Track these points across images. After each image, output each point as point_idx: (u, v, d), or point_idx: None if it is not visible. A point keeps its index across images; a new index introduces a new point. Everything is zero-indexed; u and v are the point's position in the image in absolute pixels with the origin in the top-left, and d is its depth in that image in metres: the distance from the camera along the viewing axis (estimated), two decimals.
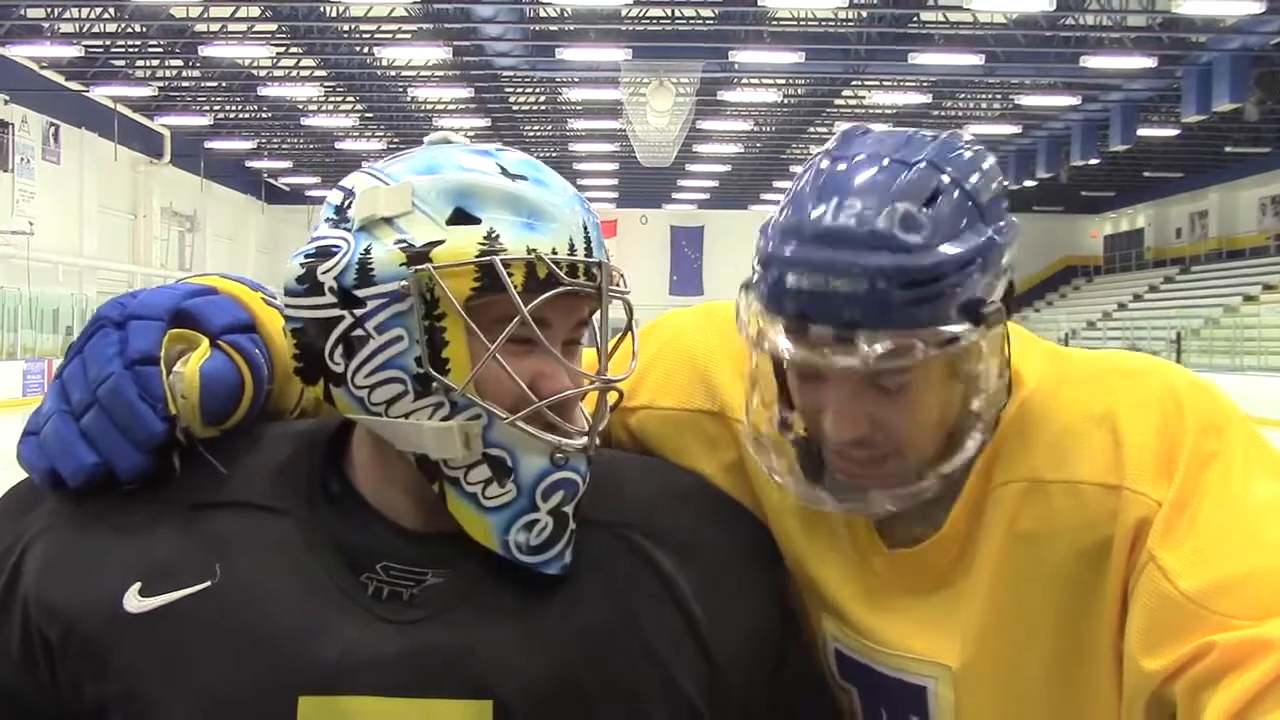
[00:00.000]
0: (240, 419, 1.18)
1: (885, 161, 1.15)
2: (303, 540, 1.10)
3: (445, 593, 1.09)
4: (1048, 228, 49.36)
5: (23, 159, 29.73)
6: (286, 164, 43.21)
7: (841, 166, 1.16)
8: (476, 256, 1.04)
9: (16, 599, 1.11)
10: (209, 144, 38.22)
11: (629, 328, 1.19)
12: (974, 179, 1.15)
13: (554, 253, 1.06)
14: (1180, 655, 1.05)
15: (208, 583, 1.08)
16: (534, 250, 1.05)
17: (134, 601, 1.08)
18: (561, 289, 1.05)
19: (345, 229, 1.08)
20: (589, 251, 1.08)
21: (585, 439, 1.10)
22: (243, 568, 1.09)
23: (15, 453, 1.17)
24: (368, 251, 1.06)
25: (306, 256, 1.08)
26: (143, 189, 36.83)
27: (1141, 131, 31.54)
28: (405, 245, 1.05)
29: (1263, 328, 29.83)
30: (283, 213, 46.46)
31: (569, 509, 1.10)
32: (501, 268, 1.03)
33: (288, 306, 1.10)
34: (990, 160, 1.19)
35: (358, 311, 1.06)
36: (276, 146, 40.73)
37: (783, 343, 1.13)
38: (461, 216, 1.06)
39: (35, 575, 1.11)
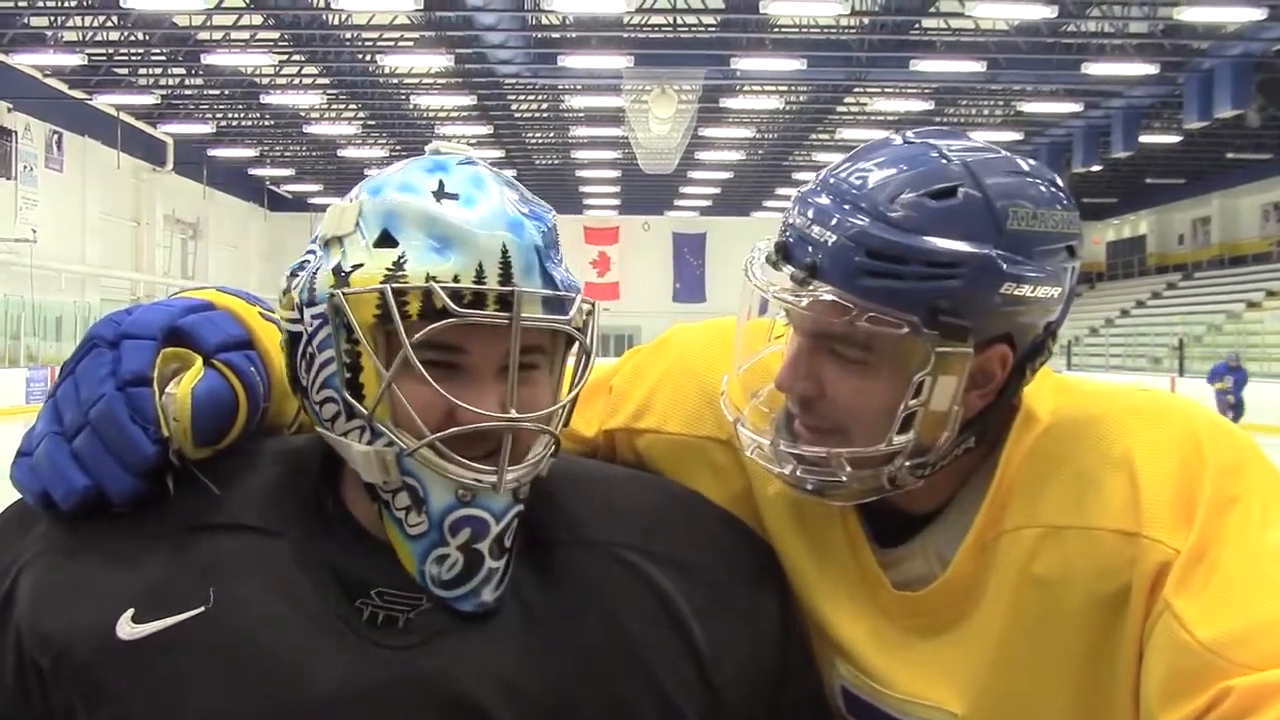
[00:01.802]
0: (235, 438, 1.16)
1: (931, 151, 1.15)
2: (297, 564, 1.09)
3: (440, 618, 1.08)
4: None
5: (26, 167, 29.75)
6: (289, 172, 43.23)
7: (897, 141, 1.18)
8: (380, 283, 1.02)
9: (10, 626, 1.10)
10: (211, 152, 38.23)
11: (582, 358, 1.12)
12: (1007, 202, 1.11)
13: (456, 280, 1.02)
14: (1197, 705, 1.02)
15: (201, 608, 1.06)
16: (433, 277, 1.02)
17: (127, 628, 1.06)
18: (451, 320, 1.01)
19: (317, 245, 1.10)
20: (505, 279, 1.03)
21: (494, 477, 1.05)
22: (237, 592, 1.07)
23: (9, 473, 1.15)
24: (318, 270, 1.07)
25: (289, 270, 1.10)
26: (145, 197, 36.85)
27: (1143, 138, 31.53)
28: (338, 267, 1.05)
29: (1266, 334, 29.78)
30: (285, 220, 46.45)
31: (481, 547, 1.07)
32: (391, 296, 1.01)
33: (281, 319, 1.12)
34: (1050, 201, 1.14)
35: (308, 330, 1.07)
36: (279, 154, 40.73)
37: (755, 269, 1.17)
38: (385, 239, 1.05)
39: (28, 601, 1.09)
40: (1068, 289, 1.16)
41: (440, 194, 1.06)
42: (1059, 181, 1.17)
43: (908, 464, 1.15)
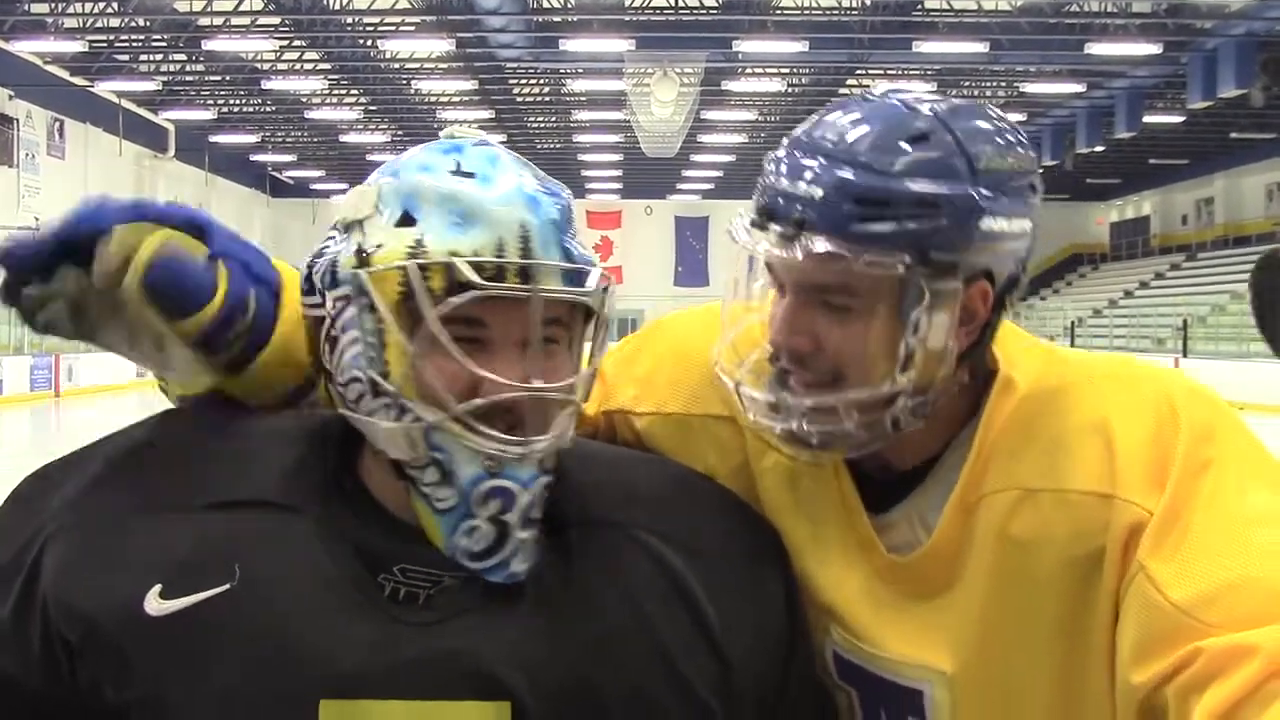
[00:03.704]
0: (204, 326, 1.16)
1: (898, 104, 1.20)
2: (320, 540, 1.10)
3: (461, 595, 1.09)
4: (1053, 215, 49.24)
5: (27, 154, 29.76)
6: (291, 157, 43.24)
7: (865, 99, 1.22)
8: (403, 260, 1.05)
9: (36, 598, 1.11)
10: (213, 138, 38.23)
11: (597, 324, 1.14)
12: (978, 145, 1.16)
13: (476, 255, 1.05)
14: (1168, 664, 1.05)
15: (227, 585, 1.08)
16: (455, 253, 1.04)
17: (154, 604, 1.08)
18: (474, 294, 1.04)
19: (336, 230, 1.12)
20: (525, 253, 1.06)
21: (521, 448, 1.08)
22: (262, 569, 1.09)
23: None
24: (339, 253, 1.09)
25: (312, 256, 1.12)
26: (147, 183, 36.83)
27: (1147, 118, 31.46)
28: (359, 248, 1.07)
29: None
30: (287, 206, 46.47)
31: (510, 518, 1.08)
32: (416, 273, 1.04)
33: (302, 306, 1.14)
34: (1014, 142, 1.19)
35: (331, 312, 1.09)
36: (280, 140, 40.73)
37: (741, 232, 1.20)
38: (406, 219, 1.07)
39: (54, 575, 1.11)
40: (1035, 226, 1.22)
41: (458, 173, 1.08)
42: (1014, 125, 1.22)
43: (910, 403, 1.18)
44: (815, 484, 1.30)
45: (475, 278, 1.04)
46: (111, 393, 26.21)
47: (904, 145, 1.15)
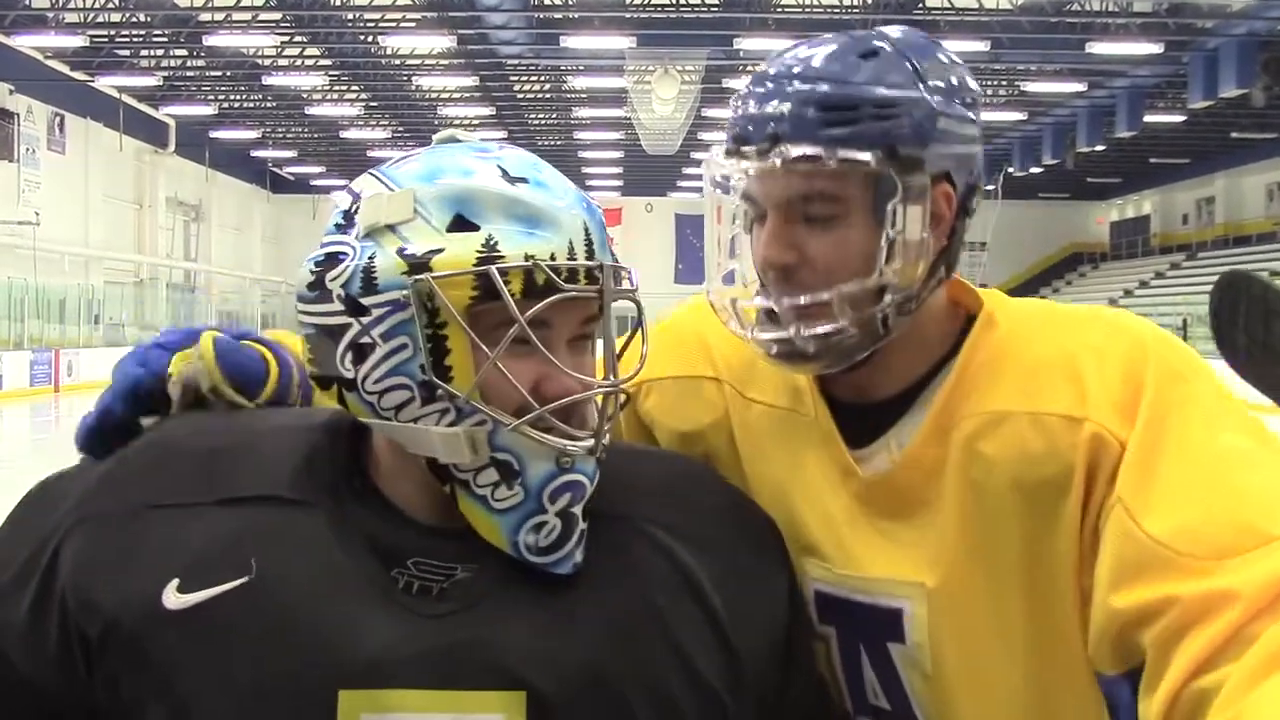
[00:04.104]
0: (269, 396, 1.27)
1: (845, 34, 1.30)
2: (334, 535, 1.11)
3: (474, 587, 1.10)
4: (1054, 214, 49.29)
5: (28, 149, 29.77)
6: (291, 153, 43.24)
7: (811, 38, 1.32)
8: (474, 265, 1.05)
9: (54, 595, 1.12)
10: (213, 134, 38.23)
11: (639, 324, 1.20)
12: (924, 59, 1.26)
13: (552, 258, 1.06)
14: (1145, 599, 1.09)
15: (245, 578, 1.08)
16: (532, 257, 1.05)
17: (173, 598, 1.08)
18: (559, 296, 1.06)
19: (352, 235, 1.10)
20: (590, 254, 1.09)
21: (592, 441, 1.11)
22: (278, 563, 1.09)
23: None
24: (371, 259, 1.07)
25: (316, 263, 1.10)
26: (148, 179, 36.87)
27: (1148, 118, 31.47)
28: (406, 254, 1.06)
29: None
30: (288, 202, 46.50)
31: (577, 510, 1.11)
32: (498, 277, 1.04)
33: (301, 313, 1.12)
34: (953, 61, 1.29)
35: (364, 319, 1.07)
36: (281, 136, 40.72)
37: (718, 162, 1.30)
38: (461, 223, 1.07)
39: (72, 571, 1.11)
40: (981, 134, 1.32)
41: (507, 177, 1.09)
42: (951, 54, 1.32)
43: (897, 298, 1.25)
44: (795, 426, 1.36)
45: (559, 281, 1.06)
46: None
47: (859, 60, 1.25)
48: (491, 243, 1.05)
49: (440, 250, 1.05)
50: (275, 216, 45.97)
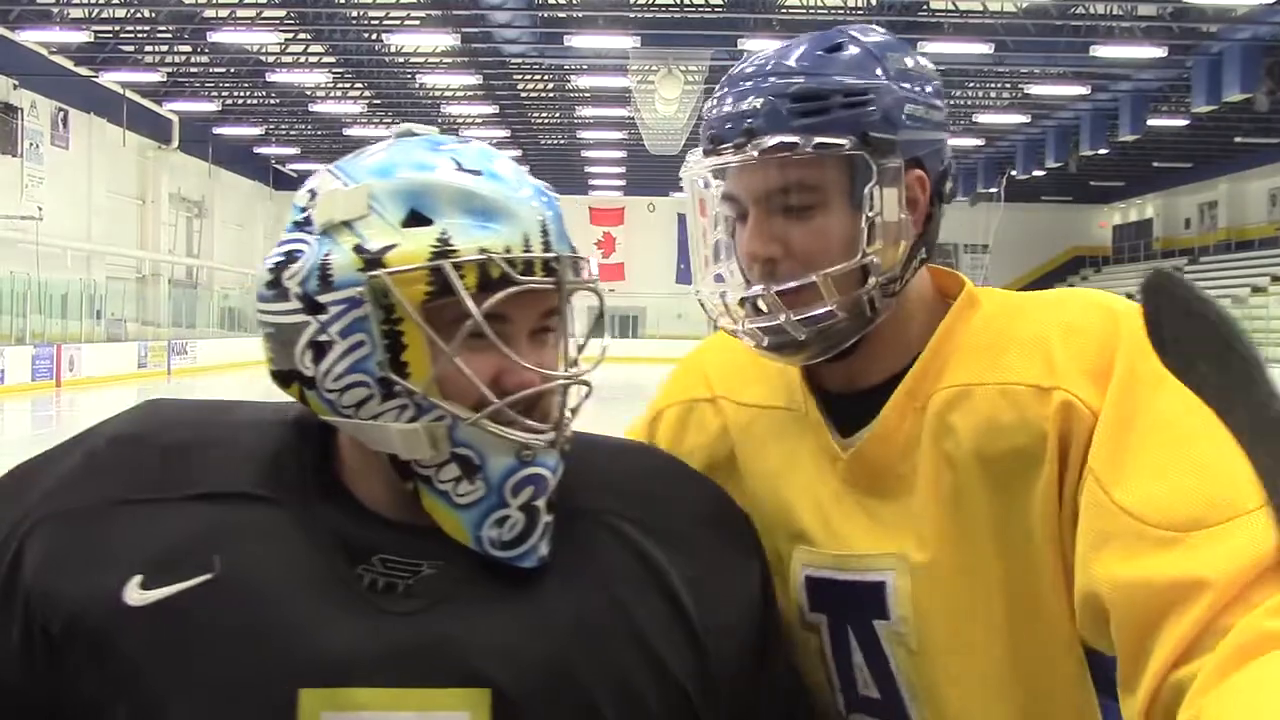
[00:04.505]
0: None
1: (810, 33, 1.35)
2: (299, 531, 1.10)
3: (440, 584, 1.10)
4: (1056, 218, 49.27)
5: (32, 144, 29.78)
6: (294, 150, 43.24)
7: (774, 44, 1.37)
8: (428, 260, 1.04)
9: (18, 590, 1.11)
10: (217, 130, 38.26)
11: (600, 314, 1.18)
12: (887, 52, 1.31)
13: (507, 251, 1.05)
14: (1116, 574, 1.10)
15: (207, 575, 1.08)
16: (486, 250, 1.05)
17: (135, 594, 1.07)
18: (514, 289, 1.05)
19: (308, 232, 1.09)
20: (546, 246, 1.08)
21: (552, 434, 1.10)
22: (241, 560, 1.09)
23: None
24: (328, 256, 1.06)
25: (274, 262, 1.09)
26: (151, 175, 36.88)
27: (1151, 121, 31.46)
28: (361, 250, 1.06)
29: (1270, 319, 29.75)
30: (290, 199, 46.01)
31: (540, 503, 1.10)
32: (452, 271, 1.03)
33: (259, 312, 1.11)
34: (911, 55, 1.34)
35: (321, 317, 1.06)
36: (284, 133, 40.76)
37: (696, 165, 1.32)
38: (415, 219, 1.06)
39: (35, 567, 1.10)
40: (948, 121, 1.37)
41: (462, 170, 1.09)
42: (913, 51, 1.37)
43: (881, 279, 1.28)
44: (789, 423, 1.39)
45: (513, 274, 1.05)
46: (113, 383, 26.25)
47: (826, 54, 1.30)
48: (445, 237, 1.05)
49: (394, 246, 1.05)
50: (278, 213, 45.80)
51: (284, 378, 1.11)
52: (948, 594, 1.27)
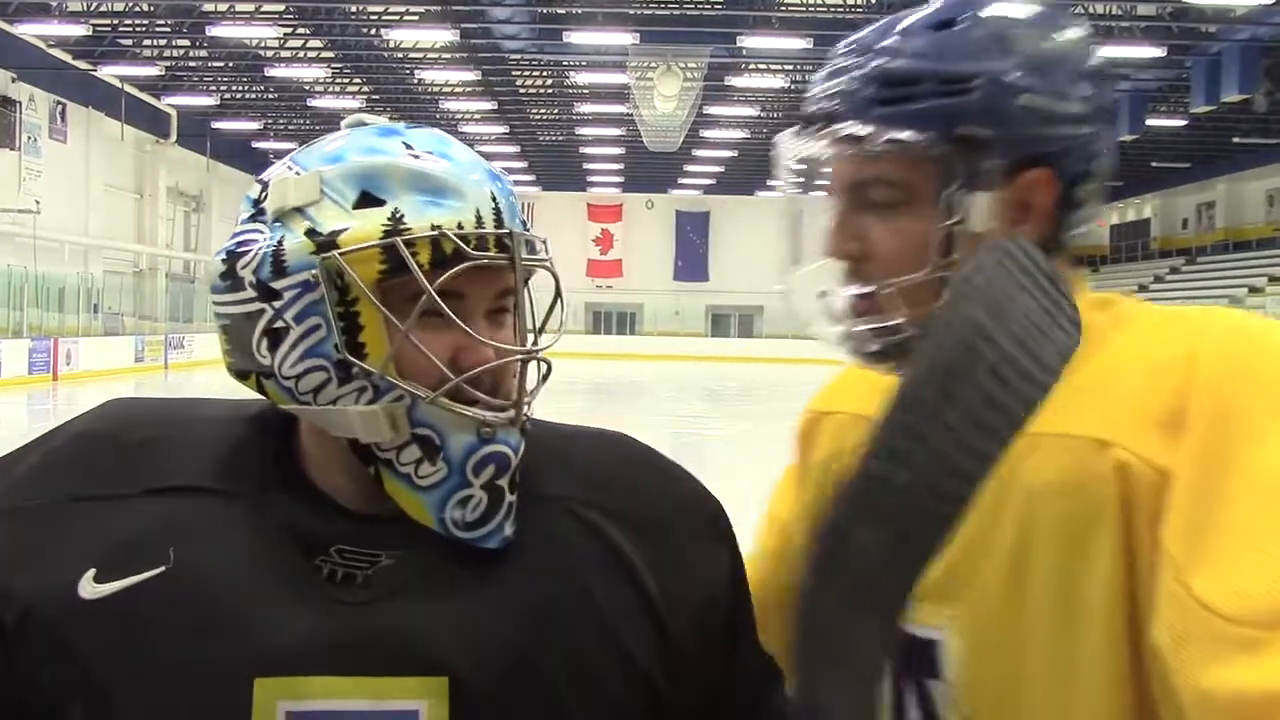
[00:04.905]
0: None
1: (935, 6, 1.19)
2: (256, 524, 1.10)
3: (399, 573, 1.09)
4: None
5: (29, 138, 29.75)
6: (292, 145, 42.59)
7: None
8: (380, 238, 1.05)
9: None
10: (215, 124, 38.24)
11: (558, 293, 1.18)
12: (1012, 29, 1.14)
13: (460, 227, 1.06)
14: (1203, 683, 0.92)
15: (162, 568, 1.07)
16: (438, 226, 1.05)
17: (89, 588, 1.07)
18: (468, 264, 1.05)
19: (261, 222, 1.09)
20: (499, 223, 1.08)
21: (512, 410, 1.10)
22: (197, 552, 1.08)
23: None
24: (280, 243, 1.07)
25: (227, 253, 1.10)
26: (149, 169, 36.86)
27: (1150, 121, 31.50)
28: (314, 234, 1.06)
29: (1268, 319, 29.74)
30: None
31: (503, 482, 1.10)
32: (404, 248, 1.04)
33: (214, 304, 1.11)
34: (1057, 25, 1.16)
35: (276, 304, 1.07)
36: (283, 128, 40.69)
37: (784, 140, 1.23)
38: (367, 200, 1.06)
39: None
40: (1099, 113, 1.16)
41: (412, 152, 1.09)
42: (1068, 16, 1.19)
43: None
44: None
45: (466, 249, 1.05)
46: (109, 377, 26.23)
47: (930, 31, 1.16)
48: (397, 216, 1.05)
49: (347, 228, 1.05)
50: None
51: (242, 373, 1.11)
52: (1001, 660, 1.13)
